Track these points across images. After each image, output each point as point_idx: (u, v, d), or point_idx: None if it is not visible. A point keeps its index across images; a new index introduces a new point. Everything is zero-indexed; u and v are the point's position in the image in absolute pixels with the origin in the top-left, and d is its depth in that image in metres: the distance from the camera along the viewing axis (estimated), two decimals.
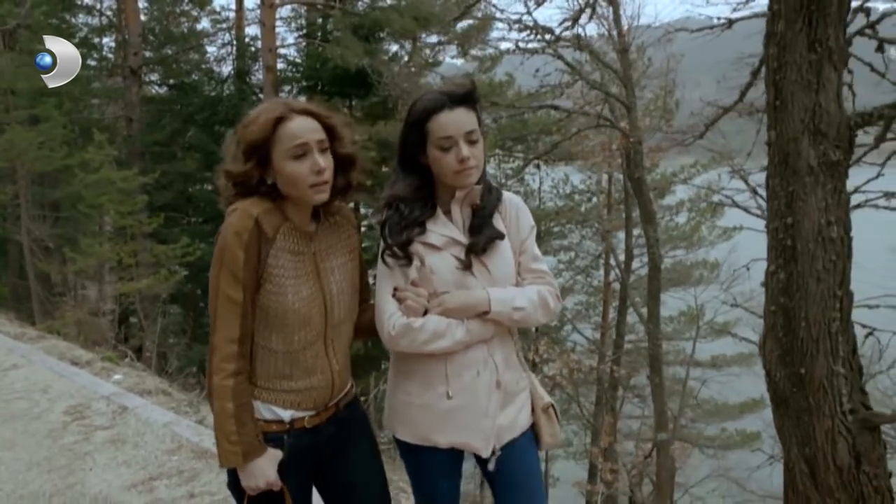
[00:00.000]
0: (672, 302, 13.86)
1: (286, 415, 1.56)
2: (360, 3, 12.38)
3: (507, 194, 1.78)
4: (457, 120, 1.58)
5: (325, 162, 1.48)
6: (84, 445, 3.52)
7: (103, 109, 15.45)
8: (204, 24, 17.93)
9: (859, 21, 7.12)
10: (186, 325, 15.89)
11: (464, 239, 1.66)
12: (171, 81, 16.98)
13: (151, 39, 16.61)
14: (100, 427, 3.77)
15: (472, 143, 1.60)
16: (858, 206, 6.88)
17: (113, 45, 16.77)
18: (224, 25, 17.01)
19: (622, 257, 13.39)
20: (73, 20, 15.88)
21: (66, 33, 14.88)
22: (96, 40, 16.68)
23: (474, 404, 1.64)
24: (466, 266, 1.64)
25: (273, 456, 1.52)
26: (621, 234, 13.42)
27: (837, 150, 3.43)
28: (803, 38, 3.34)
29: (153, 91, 17.38)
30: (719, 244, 12.87)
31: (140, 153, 14.26)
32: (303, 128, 1.48)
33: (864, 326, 8.16)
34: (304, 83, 12.84)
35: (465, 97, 1.61)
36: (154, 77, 17.28)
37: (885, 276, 9.10)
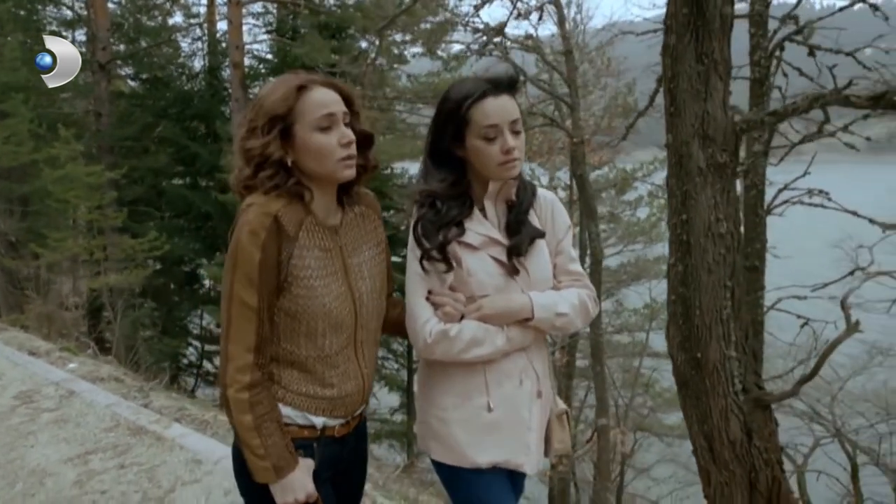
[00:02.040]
0: (633, 296, 14.29)
1: (319, 421, 1.47)
2: (326, 1, 12.57)
3: (540, 190, 1.67)
4: (503, 107, 1.47)
5: (349, 134, 1.38)
6: (29, 426, 3.76)
7: (73, 104, 15.46)
8: (177, 18, 18.04)
9: (793, 27, 7.53)
10: (158, 319, 16.00)
11: (502, 238, 1.55)
12: (144, 76, 17.05)
13: (124, 32, 16.64)
14: (46, 409, 4.01)
15: (515, 133, 1.50)
16: (787, 202, 7.30)
17: (83, 38, 16.77)
18: (195, 21, 17.10)
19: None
20: (43, 12, 15.82)
21: (34, 26, 14.91)
22: (66, 34, 16.68)
23: (516, 417, 1.55)
24: (512, 271, 1.54)
25: (307, 466, 1.43)
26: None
27: (724, 153, 3.77)
28: (692, 50, 3.66)
29: (130, 84, 17.41)
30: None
31: (109, 148, 14.32)
32: (329, 97, 1.38)
33: (798, 317, 8.65)
34: (272, 80, 13.03)
35: (510, 84, 1.51)
36: (127, 71, 17.33)
37: (823, 268, 9.50)
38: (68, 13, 16.02)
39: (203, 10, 16.82)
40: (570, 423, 1.71)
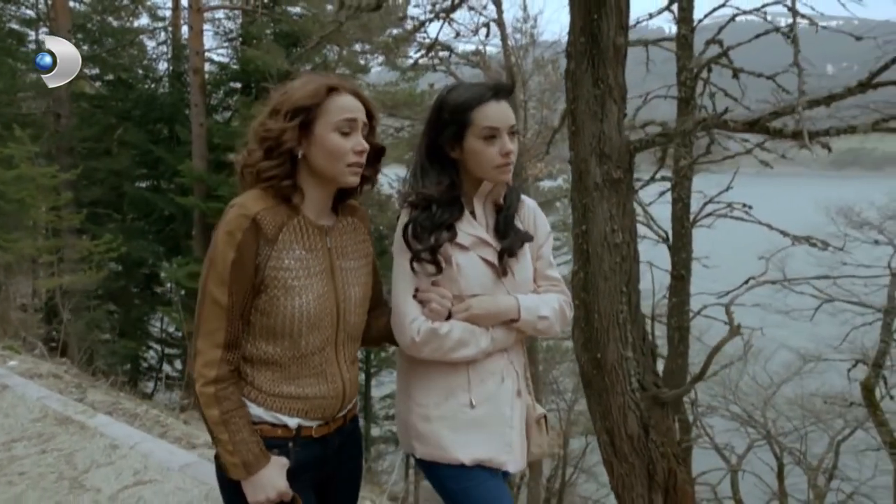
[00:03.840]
0: None
1: (292, 421, 1.45)
2: (285, 10, 12.80)
3: (523, 197, 1.72)
4: (504, 111, 1.53)
5: (363, 143, 1.42)
6: None
7: (31, 104, 15.37)
8: (143, 20, 18.02)
9: (716, 50, 8.00)
10: (116, 322, 15.93)
11: (491, 239, 1.59)
12: (109, 76, 16.99)
13: (88, 32, 16.57)
14: None
15: (512, 135, 1.55)
16: (710, 215, 7.76)
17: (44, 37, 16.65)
18: (160, 25, 17.14)
19: None
20: (2, 10, 15.69)
21: None
22: (30, 33, 16.54)
23: (498, 414, 1.57)
24: (501, 272, 1.57)
25: (279, 464, 1.42)
26: None
27: (619, 170, 4.13)
28: (589, 76, 4.02)
29: (97, 84, 17.31)
30: None
31: (69, 149, 14.29)
32: (354, 105, 1.42)
33: (726, 323, 9.13)
34: (231, 85, 13.22)
35: (509, 91, 1.57)
36: (94, 71, 17.24)
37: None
38: (29, 12, 15.91)
39: (169, 13, 16.88)
40: (547, 428, 1.72)
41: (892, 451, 7.48)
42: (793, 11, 6.67)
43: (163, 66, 17.25)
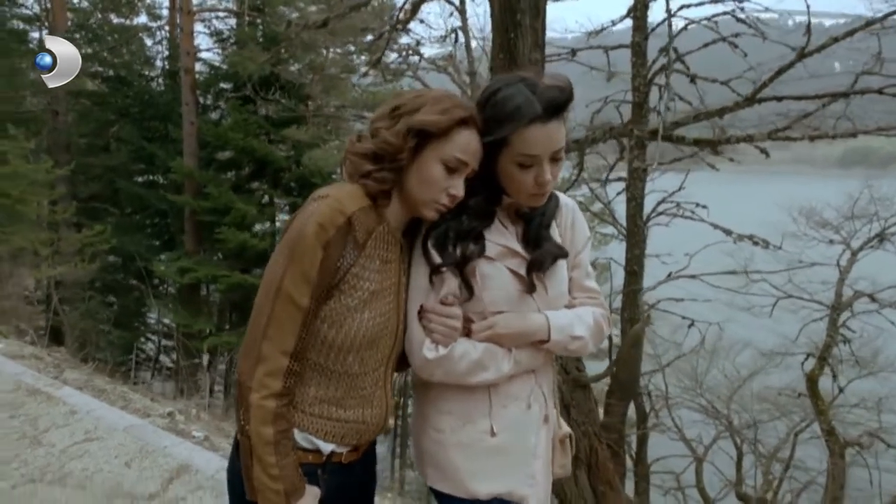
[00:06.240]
0: None
1: (326, 447, 1.34)
2: (275, 11, 13.25)
3: (562, 196, 1.52)
4: (548, 136, 1.29)
5: (461, 189, 1.32)
6: None
7: (31, 102, 15.86)
8: (143, 18, 18.44)
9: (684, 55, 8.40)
10: (112, 313, 16.45)
11: (521, 249, 1.40)
12: (110, 72, 17.43)
13: (89, 29, 17.00)
14: None
15: (556, 160, 1.33)
16: (663, 213, 8.18)
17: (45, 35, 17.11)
18: (157, 24, 17.59)
19: None
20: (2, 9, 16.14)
21: None
22: (32, 31, 16.97)
23: (522, 443, 1.41)
24: (529, 286, 1.38)
25: (313, 495, 1.31)
26: None
27: None
28: None
29: (96, 82, 17.74)
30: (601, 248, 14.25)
31: (65, 145, 14.79)
32: (474, 147, 1.30)
33: (683, 318, 9.58)
34: (222, 86, 13.71)
35: (564, 107, 1.30)
36: (96, 68, 17.64)
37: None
38: (28, 11, 16.37)
39: (166, 11, 17.32)
40: (572, 447, 1.58)
41: (827, 439, 7.90)
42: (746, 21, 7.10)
43: (159, 64, 17.76)
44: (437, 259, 1.34)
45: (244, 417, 1.22)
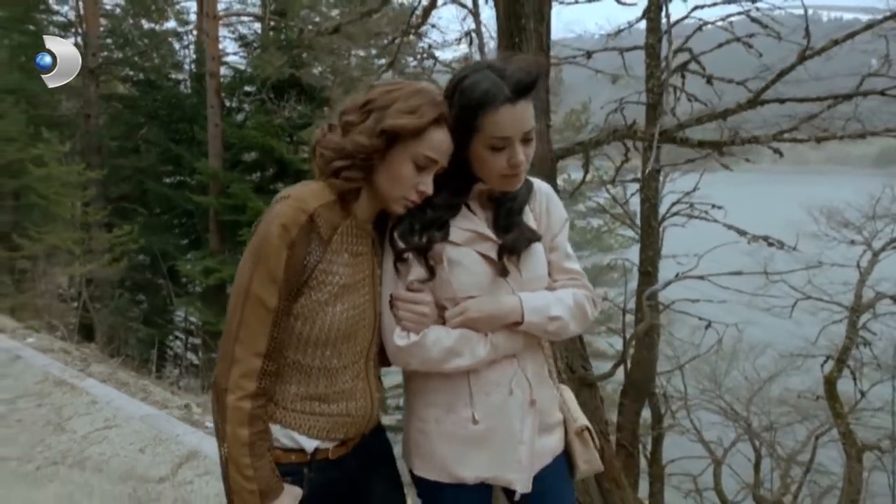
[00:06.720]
0: None
1: (309, 444, 1.34)
2: (294, 17, 13.52)
3: (536, 181, 1.53)
4: (518, 117, 1.30)
5: (430, 186, 1.33)
6: None
7: (65, 106, 16.42)
8: (172, 23, 18.98)
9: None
10: (142, 311, 16.94)
11: (490, 233, 1.40)
12: (140, 76, 17.96)
13: (120, 34, 17.53)
14: None
15: (527, 141, 1.34)
16: (677, 214, 8.19)
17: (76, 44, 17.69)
18: (185, 28, 18.06)
19: None
20: (36, 17, 16.72)
21: (33, 33, 15.86)
22: (67, 37, 17.58)
23: (506, 429, 1.41)
24: (502, 271, 1.38)
25: (293, 495, 1.31)
26: None
27: (541, 177, 4.65)
28: None
29: (126, 86, 18.28)
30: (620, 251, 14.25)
31: (97, 148, 15.27)
32: (446, 146, 1.32)
33: (700, 319, 9.54)
34: (246, 89, 14.02)
35: (531, 87, 1.31)
36: (128, 72, 18.18)
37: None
38: (62, 18, 16.96)
39: (195, 17, 17.75)
40: (594, 439, 1.55)
41: (844, 442, 7.82)
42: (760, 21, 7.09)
43: (186, 68, 18.22)
44: (401, 245, 1.36)
45: (220, 419, 1.25)
